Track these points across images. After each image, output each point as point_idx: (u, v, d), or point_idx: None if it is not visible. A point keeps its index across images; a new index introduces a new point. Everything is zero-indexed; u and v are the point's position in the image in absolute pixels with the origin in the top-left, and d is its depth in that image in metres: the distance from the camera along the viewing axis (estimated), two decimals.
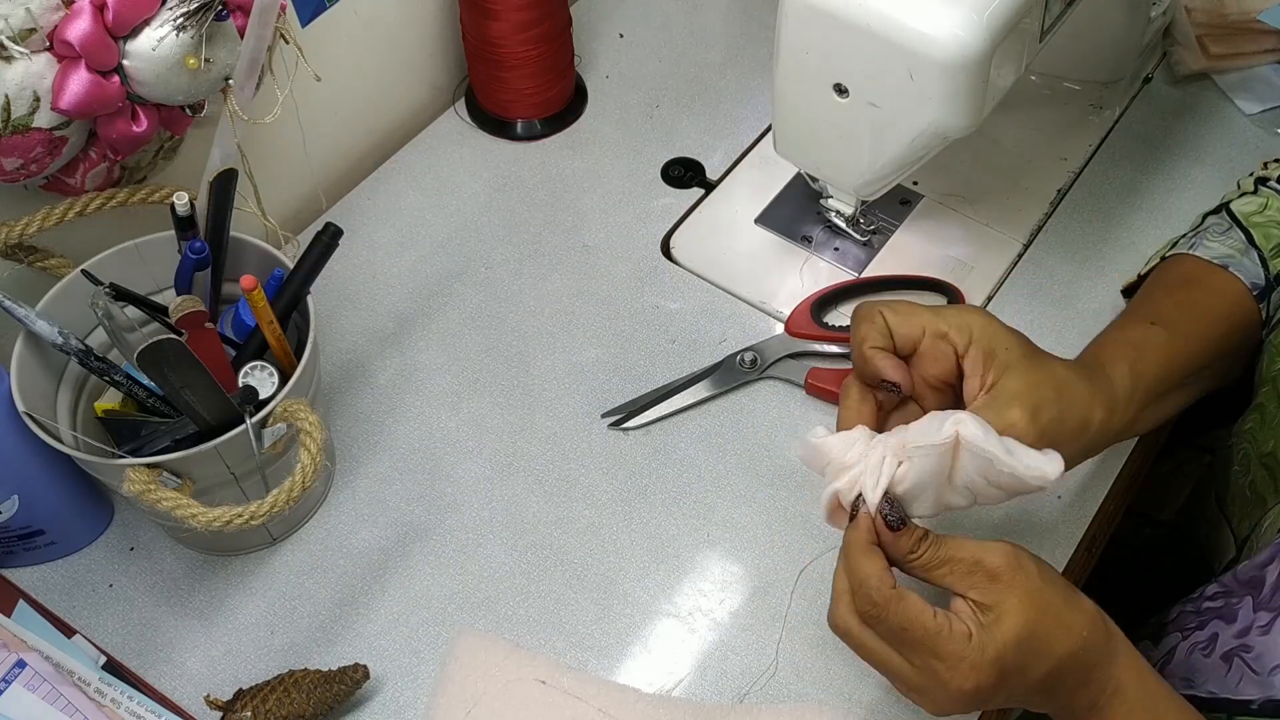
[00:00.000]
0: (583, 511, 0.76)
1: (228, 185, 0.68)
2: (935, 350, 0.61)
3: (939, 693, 0.56)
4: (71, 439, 0.67)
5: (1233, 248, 0.73)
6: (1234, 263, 0.72)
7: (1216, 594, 0.69)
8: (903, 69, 0.68)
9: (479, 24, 0.91)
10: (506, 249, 0.90)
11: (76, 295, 0.69)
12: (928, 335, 0.61)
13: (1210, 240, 0.75)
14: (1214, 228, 0.76)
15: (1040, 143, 0.95)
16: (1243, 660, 0.63)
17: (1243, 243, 0.74)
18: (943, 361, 0.62)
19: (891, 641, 0.57)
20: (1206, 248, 0.74)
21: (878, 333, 0.61)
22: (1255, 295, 0.72)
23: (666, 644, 0.71)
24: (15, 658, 0.66)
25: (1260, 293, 0.72)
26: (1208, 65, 0.98)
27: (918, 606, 0.55)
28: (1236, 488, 0.74)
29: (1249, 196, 0.77)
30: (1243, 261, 0.73)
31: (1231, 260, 0.73)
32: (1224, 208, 0.77)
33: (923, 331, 0.61)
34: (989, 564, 0.55)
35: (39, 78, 0.60)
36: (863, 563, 0.57)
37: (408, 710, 0.69)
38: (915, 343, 0.62)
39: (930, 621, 0.55)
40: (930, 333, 0.61)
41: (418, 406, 0.81)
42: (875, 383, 0.61)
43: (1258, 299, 0.72)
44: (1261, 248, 0.73)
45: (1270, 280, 0.72)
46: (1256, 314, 0.72)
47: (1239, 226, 0.75)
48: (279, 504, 0.62)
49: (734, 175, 0.94)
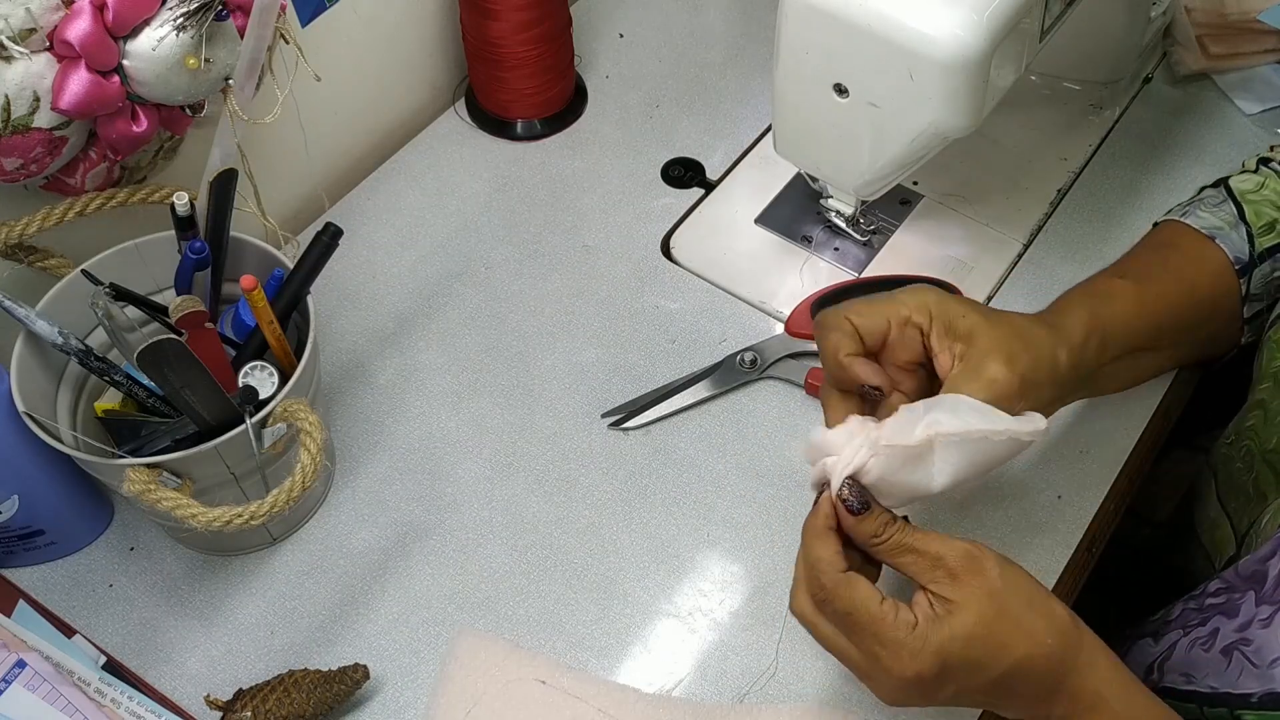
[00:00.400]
0: (583, 511, 0.76)
1: (228, 185, 0.68)
2: (903, 338, 0.62)
3: (883, 678, 0.56)
4: (71, 439, 0.67)
5: (1223, 220, 0.74)
6: (1221, 235, 0.73)
7: (1219, 590, 0.69)
8: (903, 69, 0.68)
9: (479, 24, 0.91)
10: (506, 249, 0.90)
11: (76, 295, 0.69)
12: (893, 325, 0.62)
13: (1203, 210, 0.75)
14: (1209, 199, 0.76)
15: (1040, 143, 0.95)
16: (1243, 654, 0.63)
17: (1233, 216, 0.74)
18: (911, 346, 0.62)
19: (839, 625, 0.57)
20: (1198, 217, 0.75)
21: (848, 339, 0.61)
22: (1237, 269, 0.72)
23: (666, 644, 0.71)
24: (15, 658, 0.66)
25: (1242, 268, 0.72)
26: (1208, 65, 0.98)
27: (865, 592, 0.56)
28: (1238, 485, 0.74)
29: (1249, 174, 0.77)
30: (1230, 235, 0.73)
31: (1219, 232, 0.73)
32: (1222, 182, 0.78)
33: (888, 323, 0.62)
34: (949, 562, 0.56)
35: (39, 78, 0.60)
36: (816, 545, 0.57)
37: (408, 710, 0.69)
38: (883, 336, 0.62)
39: (875, 608, 0.55)
40: (895, 322, 0.62)
41: (418, 406, 0.81)
42: (855, 389, 0.61)
43: (1239, 273, 0.72)
44: (1251, 224, 0.74)
45: (1254, 257, 0.73)
46: (1236, 288, 0.72)
47: (1233, 201, 0.75)
48: (279, 504, 0.62)
49: (734, 175, 0.94)
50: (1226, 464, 0.77)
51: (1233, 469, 0.75)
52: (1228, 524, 0.76)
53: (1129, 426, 0.79)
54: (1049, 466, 0.77)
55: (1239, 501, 0.74)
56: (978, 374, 0.60)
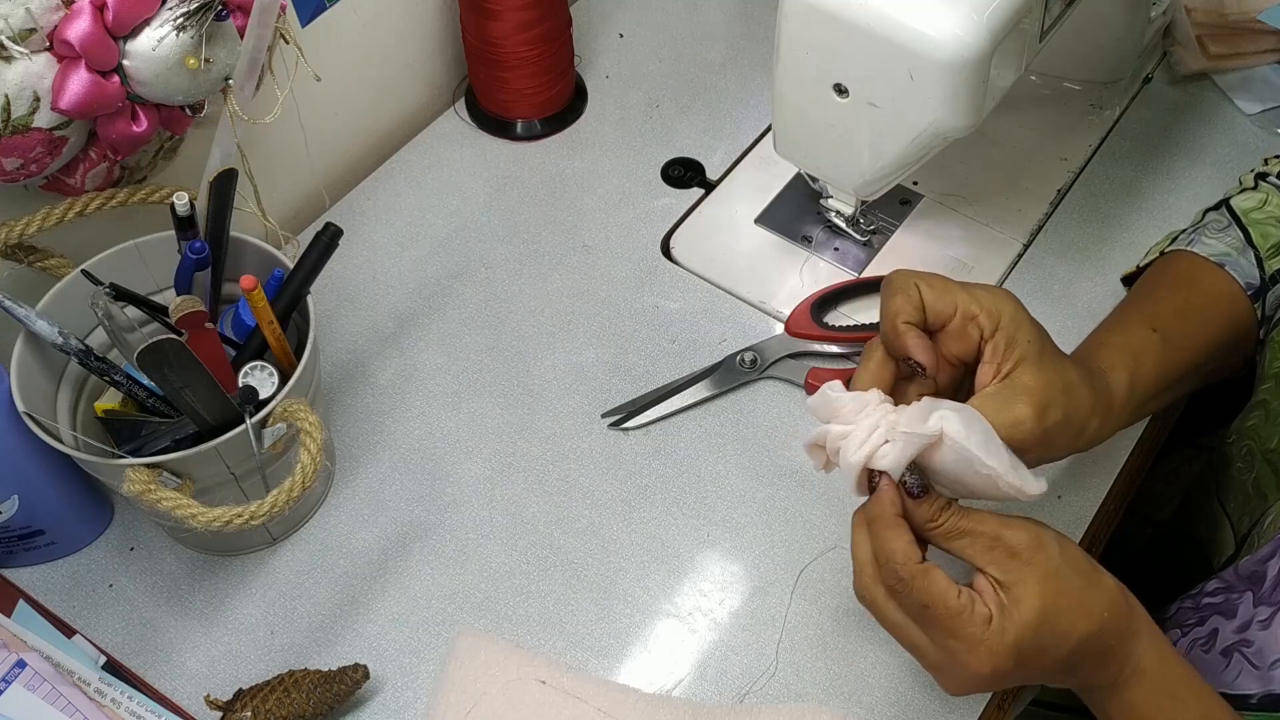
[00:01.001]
0: (583, 511, 0.76)
1: (228, 185, 0.68)
2: (963, 330, 0.61)
3: (957, 672, 0.56)
4: (71, 439, 0.67)
5: (1230, 246, 0.74)
6: (1230, 261, 0.73)
7: (1217, 590, 0.69)
8: (903, 69, 0.68)
9: (479, 24, 0.91)
10: (506, 249, 0.90)
11: (76, 295, 0.69)
12: (959, 315, 0.60)
13: (1208, 237, 0.75)
14: (1213, 224, 0.76)
15: (1040, 143, 0.95)
16: (1243, 655, 0.63)
17: (1240, 241, 0.74)
18: (966, 342, 0.61)
19: (915, 617, 0.57)
20: (1205, 244, 0.74)
21: (912, 306, 0.60)
22: (1250, 295, 0.72)
23: (666, 644, 0.71)
24: (15, 658, 0.66)
25: (1255, 293, 0.72)
26: (1208, 65, 0.98)
27: (942, 584, 0.55)
28: (1238, 485, 0.74)
29: (1249, 192, 0.77)
30: (1239, 261, 0.73)
31: (1228, 259, 0.73)
32: (1224, 204, 0.77)
33: (955, 310, 0.60)
34: (1010, 541, 0.55)
35: (39, 78, 0.60)
36: (889, 536, 0.57)
37: (408, 710, 0.69)
38: (946, 320, 0.61)
39: (954, 601, 0.55)
40: (962, 313, 0.60)
41: (418, 406, 0.81)
42: (901, 357, 0.60)
43: (1252, 299, 0.72)
44: (1259, 247, 0.73)
45: (1265, 281, 0.72)
46: (1251, 315, 0.72)
47: (1238, 224, 0.75)
48: (279, 504, 0.62)
49: (734, 175, 0.94)
50: (1227, 464, 0.76)
51: (1233, 469, 0.75)
52: (1228, 524, 0.76)
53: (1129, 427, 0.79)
54: (1049, 467, 0.77)
55: (1239, 501, 0.74)
56: (1007, 406, 0.59)
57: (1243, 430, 0.74)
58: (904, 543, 0.56)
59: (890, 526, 0.57)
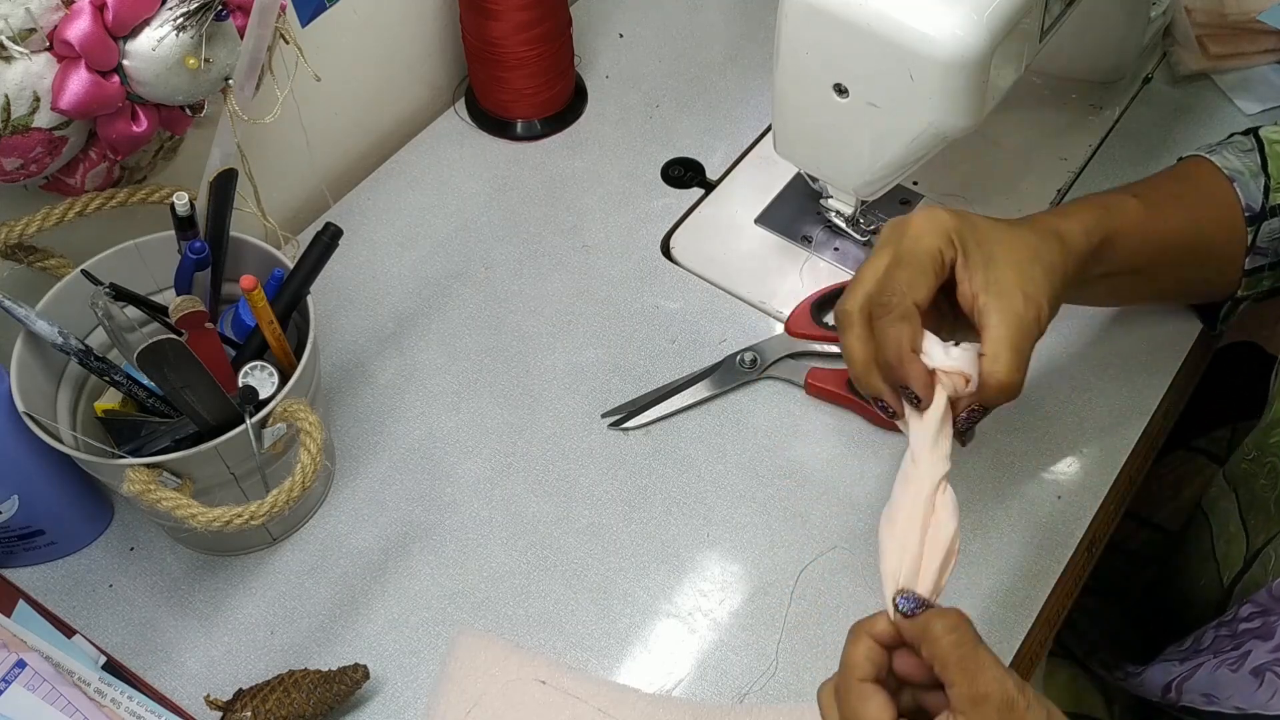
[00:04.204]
0: (583, 511, 0.76)
1: (228, 185, 0.68)
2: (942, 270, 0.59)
3: None
4: (71, 439, 0.67)
5: (1246, 166, 0.74)
6: (1240, 180, 0.73)
7: (1252, 614, 0.67)
8: (903, 69, 0.68)
9: (479, 24, 0.91)
10: (506, 249, 0.90)
11: (76, 295, 0.69)
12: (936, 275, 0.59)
13: (1229, 152, 0.75)
14: (1237, 143, 0.76)
15: (1040, 143, 0.95)
16: (1276, 674, 0.62)
17: (1256, 165, 0.74)
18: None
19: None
20: (1224, 157, 0.74)
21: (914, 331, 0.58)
22: (1247, 217, 0.72)
23: (666, 644, 0.71)
24: (15, 658, 0.66)
25: (1252, 216, 0.72)
26: (1208, 65, 0.98)
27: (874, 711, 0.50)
28: (1260, 501, 0.73)
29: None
30: (1248, 182, 0.73)
31: (1240, 177, 0.73)
32: (1253, 131, 0.77)
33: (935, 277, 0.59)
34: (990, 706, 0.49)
35: (39, 78, 0.60)
36: (849, 643, 0.52)
37: (408, 710, 0.69)
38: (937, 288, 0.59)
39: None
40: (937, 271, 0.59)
41: (418, 406, 0.81)
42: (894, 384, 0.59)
43: (1248, 221, 0.72)
44: (1272, 175, 0.73)
45: (1266, 208, 0.73)
46: (1243, 235, 0.72)
47: (1259, 150, 0.75)
48: (279, 504, 0.62)
49: (734, 175, 0.94)
50: (1249, 481, 0.75)
51: (1255, 485, 0.74)
52: (1244, 539, 0.75)
53: (1129, 427, 0.79)
54: (1049, 467, 0.77)
55: (1259, 519, 0.73)
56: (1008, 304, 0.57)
57: (1265, 447, 0.73)
58: (859, 655, 0.52)
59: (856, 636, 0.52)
